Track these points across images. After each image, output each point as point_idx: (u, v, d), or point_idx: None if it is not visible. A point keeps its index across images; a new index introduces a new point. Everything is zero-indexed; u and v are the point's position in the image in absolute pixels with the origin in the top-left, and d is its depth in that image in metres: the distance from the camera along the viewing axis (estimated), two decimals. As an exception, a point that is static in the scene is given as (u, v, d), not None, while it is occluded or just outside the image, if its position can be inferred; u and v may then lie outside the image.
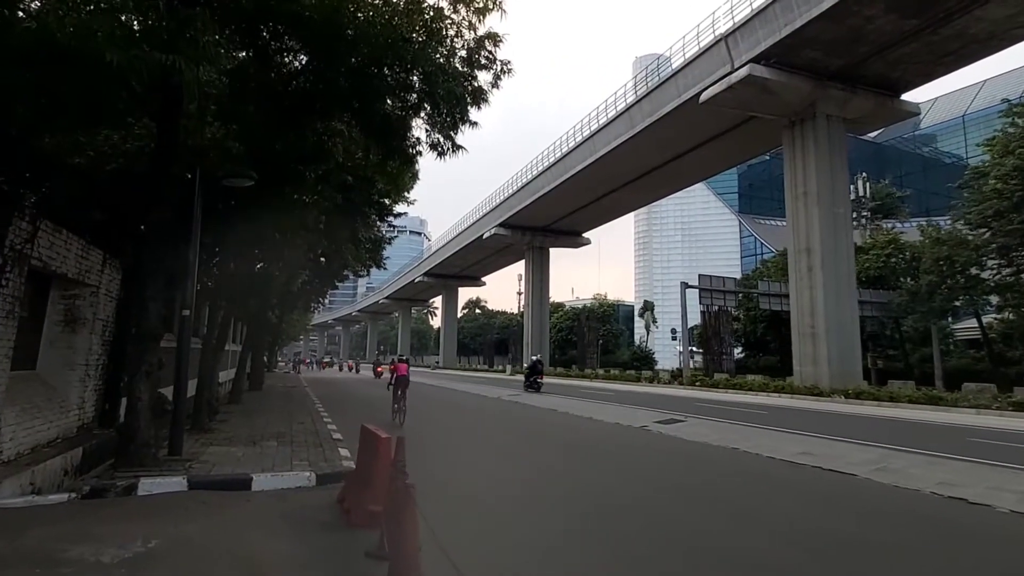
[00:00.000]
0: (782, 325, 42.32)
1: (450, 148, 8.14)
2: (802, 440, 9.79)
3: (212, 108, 8.25)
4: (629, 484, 6.54)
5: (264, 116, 8.03)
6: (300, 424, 10.69)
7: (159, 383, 6.46)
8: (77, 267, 6.85)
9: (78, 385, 6.89)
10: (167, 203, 6.45)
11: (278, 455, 7.34)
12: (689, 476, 7.12)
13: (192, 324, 7.77)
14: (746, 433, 10.69)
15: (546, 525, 4.86)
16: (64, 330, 6.87)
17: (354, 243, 16.84)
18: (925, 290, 29.99)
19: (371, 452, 5.33)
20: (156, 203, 6.33)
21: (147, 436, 6.04)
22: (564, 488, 6.28)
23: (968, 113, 69.75)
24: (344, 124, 9.24)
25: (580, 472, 7.23)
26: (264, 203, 9.43)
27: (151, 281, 6.27)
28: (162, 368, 6.66)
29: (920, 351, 35.96)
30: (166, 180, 6.42)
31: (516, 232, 45.79)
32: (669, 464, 7.97)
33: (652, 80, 26.23)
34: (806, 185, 21.64)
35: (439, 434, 10.74)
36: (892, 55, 19.60)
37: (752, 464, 7.82)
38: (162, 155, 6.39)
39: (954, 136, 72.11)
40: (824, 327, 20.97)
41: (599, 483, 6.55)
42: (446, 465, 7.42)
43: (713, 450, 8.92)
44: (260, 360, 22.77)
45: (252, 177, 7.37)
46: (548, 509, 5.38)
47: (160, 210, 6.33)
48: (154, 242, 6.29)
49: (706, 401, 18.73)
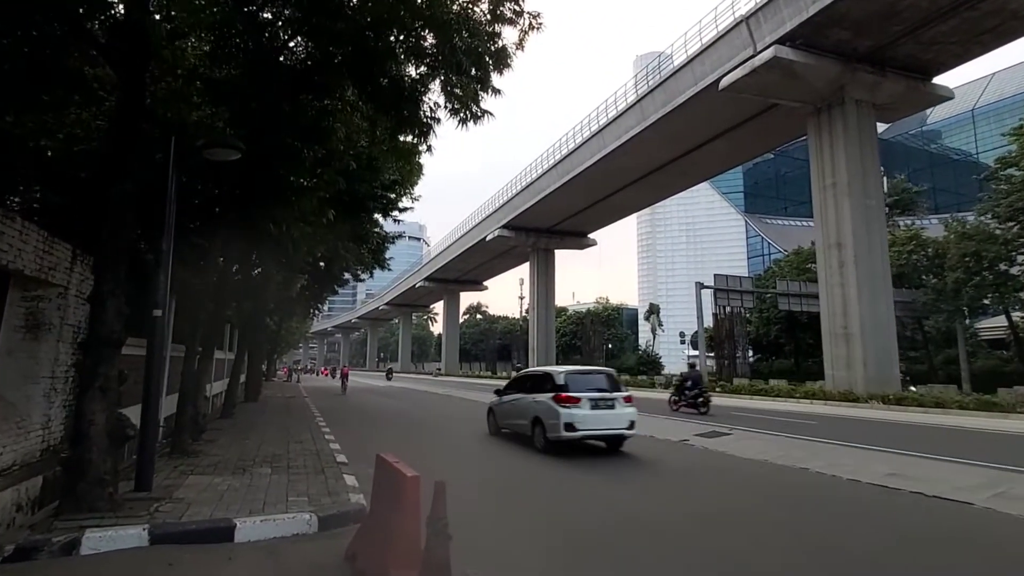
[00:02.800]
0: (797, 327, 41.14)
1: (473, 114, 6.84)
2: (880, 457, 8.44)
3: (196, 83, 7.04)
4: (692, 518, 5.19)
5: (255, 88, 6.77)
6: (298, 443, 9.32)
7: (120, 401, 5.11)
8: (38, 263, 5.63)
9: (42, 401, 5.66)
10: (131, 176, 5.12)
11: (271, 487, 5.98)
12: (763, 506, 5.72)
13: (167, 327, 6.44)
14: (812, 449, 9.32)
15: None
16: (26, 337, 5.63)
17: (356, 241, 15.52)
18: (951, 288, 28.77)
19: (393, 495, 3.99)
20: (117, 175, 5.01)
21: (100, 470, 4.69)
22: (613, 524, 4.92)
23: (977, 107, 68.85)
24: (347, 98, 7.98)
25: (627, 502, 5.87)
26: (255, 186, 8.15)
27: (108, 272, 4.95)
28: (125, 383, 5.32)
29: (944, 352, 34.68)
30: (130, 147, 5.10)
31: (520, 234, 44.54)
32: (732, 490, 6.56)
33: (666, 68, 25.04)
34: (835, 176, 20.39)
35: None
36: (926, 34, 18.42)
37: (836, 490, 6.45)
38: (125, 113, 5.09)
39: (961, 132, 71.29)
40: (858, 327, 19.64)
41: (655, 520, 5.19)
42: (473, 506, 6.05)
43: (779, 471, 7.54)
44: (257, 369, 21.38)
45: (239, 148, 6.05)
46: (613, 560, 4.02)
47: (122, 183, 5.01)
48: (114, 223, 4.97)
49: (737, 409, 17.38)
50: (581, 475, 7.21)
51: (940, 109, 70.65)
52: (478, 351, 79.61)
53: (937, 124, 74.78)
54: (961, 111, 69.81)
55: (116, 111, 5.24)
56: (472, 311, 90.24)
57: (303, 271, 18.29)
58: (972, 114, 69.63)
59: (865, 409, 17.52)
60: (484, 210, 48.22)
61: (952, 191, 65.39)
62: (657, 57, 27.85)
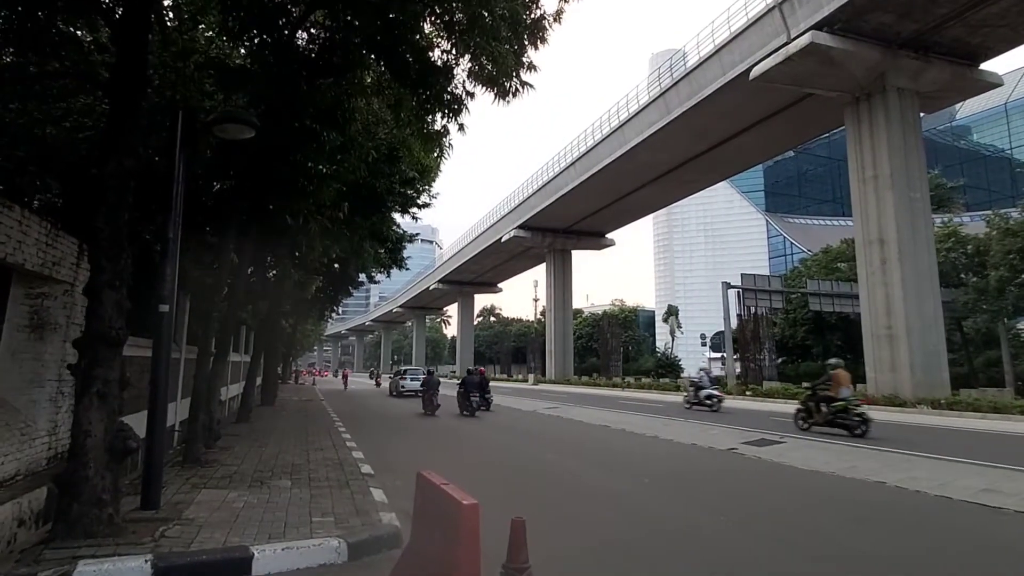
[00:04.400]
0: (826, 329, 39.72)
1: (510, 88, 6.12)
2: (962, 469, 7.51)
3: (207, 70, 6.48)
4: (763, 541, 4.38)
5: (268, 73, 6.18)
6: (319, 451, 8.67)
7: (121, 409, 4.48)
8: (40, 257, 5.11)
9: (48, 405, 5.16)
10: (132, 151, 4.50)
11: (292, 505, 5.30)
12: (840, 531, 4.82)
13: (179, 326, 5.82)
14: (884, 459, 8.39)
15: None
16: (30, 337, 5.13)
17: (375, 239, 14.92)
18: (994, 286, 27.36)
19: (445, 525, 3.28)
20: (115, 148, 4.39)
21: (98, 489, 4.05)
22: (672, 546, 4.13)
23: (1011, 101, 66.39)
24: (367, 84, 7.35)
25: (682, 517, 5.07)
26: (270, 174, 7.54)
27: (107, 260, 4.33)
28: (127, 387, 4.69)
29: (985, 354, 33.10)
30: (130, 115, 4.48)
31: (536, 234, 43.76)
32: (795, 508, 5.70)
33: (690, 60, 24.14)
34: (876, 168, 19.29)
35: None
36: (976, 16, 17.30)
37: (928, 509, 5.60)
38: (122, 76, 4.47)
39: (994, 127, 68.82)
40: (903, 328, 18.50)
41: (717, 537, 4.39)
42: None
43: (854, 487, 6.64)
44: (273, 372, 20.93)
45: (253, 124, 5.42)
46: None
47: (120, 158, 4.39)
48: (112, 203, 4.34)
49: (774, 414, 16.39)
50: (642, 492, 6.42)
51: (971, 104, 68.39)
52: (492, 354, 78.87)
53: (967, 119, 72.33)
54: (993, 105, 67.41)
55: (112, 74, 4.62)
56: (486, 313, 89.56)
57: (318, 272, 17.87)
58: (1005, 108, 67.18)
59: (913, 414, 16.42)
60: (499, 211, 47.56)
61: (983, 188, 63.16)
62: (675, 54, 26.89)
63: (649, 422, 14.17)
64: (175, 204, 5.23)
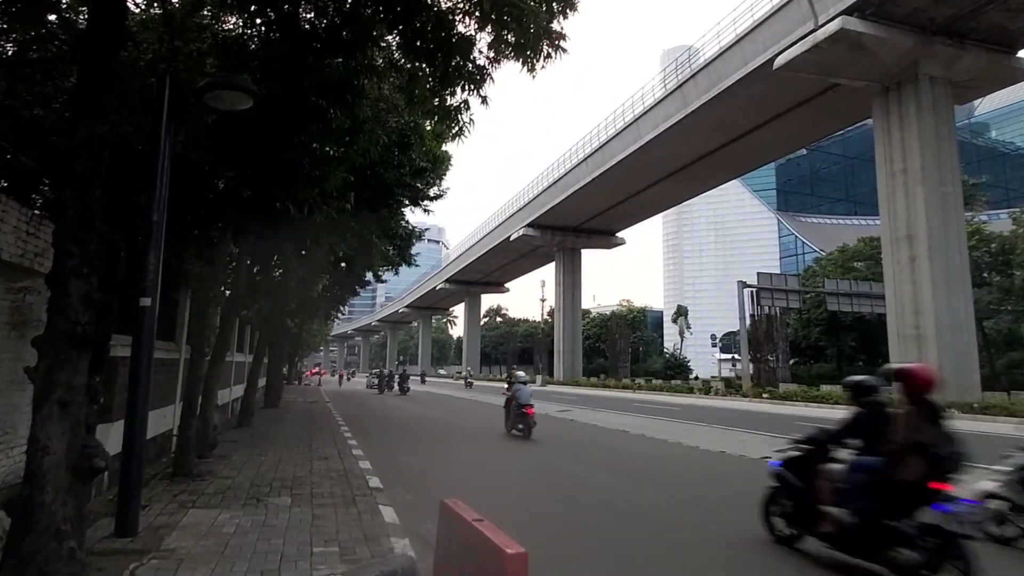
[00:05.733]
0: (841, 329, 38.71)
1: (545, 50, 5.39)
2: None
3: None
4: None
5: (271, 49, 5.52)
6: (323, 460, 7.98)
7: (88, 421, 3.78)
8: (20, 247, 4.50)
9: (30, 411, 4.55)
10: (105, 116, 3.81)
11: (291, 529, 4.60)
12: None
13: (155, 320, 5.13)
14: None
15: None
16: (10, 335, 4.56)
17: (384, 235, 14.25)
18: (1020, 286, 26.41)
19: (480, 572, 2.59)
20: (88, 112, 3.70)
21: (57, 517, 3.35)
22: None
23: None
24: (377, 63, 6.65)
25: (743, 553, 4.31)
26: (273, 156, 6.85)
27: (74, 243, 3.63)
28: (98, 396, 4.00)
29: (1007, 356, 32.03)
30: (106, 77, 3.79)
31: (546, 233, 43.01)
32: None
33: (709, 51, 23.30)
34: (905, 161, 18.41)
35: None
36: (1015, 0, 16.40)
37: None
38: (97, 27, 3.78)
39: (1013, 123, 67.27)
40: (932, 328, 17.61)
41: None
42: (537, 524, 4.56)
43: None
44: (278, 373, 20.29)
45: (252, 92, 4.73)
46: None
47: (91, 124, 3.70)
48: (82, 174, 3.65)
49: (800, 418, 15.58)
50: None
51: (989, 100, 66.98)
52: (499, 354, 78.19)
53: (985, 116, 70.81)
54: (1012, 102, 65.91)
55: (87, 27, 3.94)
56: (492, 314, 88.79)
57: (324, 270, 17.27)
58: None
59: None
60: (508, 209, 46.84)
61: (1002, 186, 61.79)
62: (688, 50, 26.11)
63: (668, 426, 13.62)
64: (160, 181, 4.53)
